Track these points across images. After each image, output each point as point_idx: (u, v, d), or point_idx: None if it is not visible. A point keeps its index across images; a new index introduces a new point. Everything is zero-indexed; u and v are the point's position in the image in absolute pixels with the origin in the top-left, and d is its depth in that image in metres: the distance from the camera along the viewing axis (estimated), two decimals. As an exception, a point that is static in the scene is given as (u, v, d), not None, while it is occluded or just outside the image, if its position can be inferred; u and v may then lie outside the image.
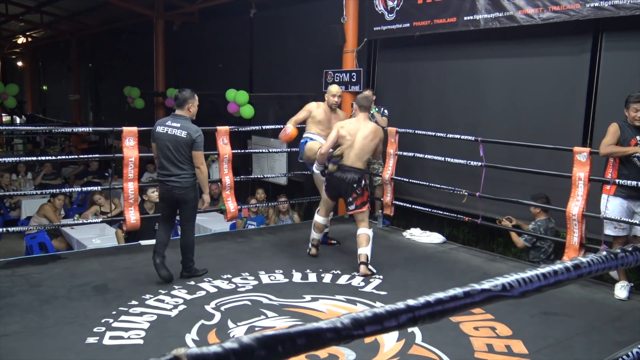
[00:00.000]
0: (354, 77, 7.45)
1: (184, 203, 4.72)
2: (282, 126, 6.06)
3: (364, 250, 5.02)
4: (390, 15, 7.16)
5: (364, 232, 5.10)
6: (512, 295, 1.01)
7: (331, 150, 5.18)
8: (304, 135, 5.82)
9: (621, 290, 4.54)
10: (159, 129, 4.65)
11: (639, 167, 4.46)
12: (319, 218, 5.52)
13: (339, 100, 5.84)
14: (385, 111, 6.97)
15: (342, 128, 5.18)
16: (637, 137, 4.46)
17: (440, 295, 0.94)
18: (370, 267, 4.99)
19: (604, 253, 1.17)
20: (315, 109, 5.82)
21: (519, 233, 5.73)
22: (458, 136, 6.01)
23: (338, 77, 7.64)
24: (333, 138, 5.16)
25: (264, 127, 7.32)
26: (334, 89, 5.83)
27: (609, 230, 4.64)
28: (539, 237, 5.57)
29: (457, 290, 0.96)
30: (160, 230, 4.89)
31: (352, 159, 5.14)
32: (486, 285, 0.98)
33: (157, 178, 4.83)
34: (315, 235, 5.55)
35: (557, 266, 1.08)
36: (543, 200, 5.58)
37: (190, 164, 4.64)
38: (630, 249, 1.21)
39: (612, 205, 4.58)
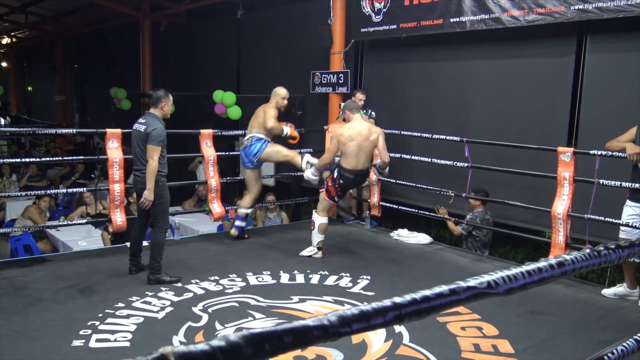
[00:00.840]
0: (342, 78, 7.46)
1: (138, 196, 4.85)
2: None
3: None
4: (377, 17, 7.18)
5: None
6: (497, 292, 1.02)
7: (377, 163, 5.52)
8: (258, 136, 5.83)
9: None
10: (134, 126, 4.82)
11: None
12: (324, 220, 5.55)
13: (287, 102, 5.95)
14: (373, 113, 6.99)
15: (342, 136, 5.26)
16: None
17: (427, 292, 0.95)
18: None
19: (587, 251, 1.19)
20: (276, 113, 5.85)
21: (456, 222, 6.13)
22: (444, 137, 6.05)
23: (325, 79, 7.65)
24: (334, 148, 5.36)
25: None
26: (283, 91, 5.86)
27: (621, 234, 4.62)
28: (475, 227, 5.97)
29: (443, 288, 0.97)
30: (134, 228, 5.03)
31: (362, 161, 5.32)
32: (472, 282, 0.99)
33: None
34: (321, 237, 5.56)
35: (542, 264, 1.09)
36: (482, 194, 5.97)
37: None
38: (612, 246, 1.23)
39: (625, 209, 4.56)
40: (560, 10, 5.42)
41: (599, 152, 4.74)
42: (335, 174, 5.38)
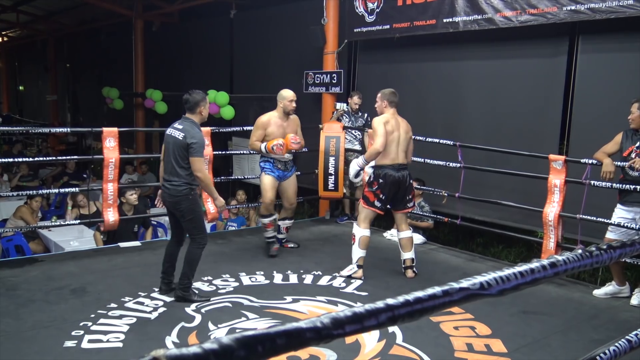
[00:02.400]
0: (335, 78, 7.46)
1: (178, 214, 4.33)
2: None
3: (411, 255, 5.05)
4: (370, 17, 7.19)
5: (409, 235, 5.08)
6: (490, 293, 1.02)
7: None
8: (261, 160, 5.59)
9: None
10: (167, 131, 4.32)
11: (632, 176, 4.42)
12: (365, 232, 4.94)
13: (295, 104, 5.51)
14: (369, 118, 6.99)
15: (387, 123, 4.79)
16: (635, 146, 4.41)
17: (419, 294, 0.95)
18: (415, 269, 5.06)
19: (580, 251, 1.19)
20: (268, 125, 5.45)
21: (418, 219, 6.44)
22: (437, 140, 6.06)
23: (319, 79, 7.65)
24: (383, 133, 4.73)
25: (244, 128, 7.29)
26: (290, 93, 5.45)
27: (609, 234, 4.63)
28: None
29: (436, 289, 0.97)
30: (168, 242, 4.60)
31: (401, 156, 4.89)
32: (464, 284, 1.00)
33: (162, 183, 4.41)
34: (362, 253, 4.96)
35: (534, 264, 1.10)
36: (421, 183, 6.37)
37: (187, 172, 4.21)
38: (604, 247, 1.24)
39: (616, 211, 4.56)
40: (552, 11, 5.44)
41: (590, 161, 4.78)
42: (372, 177, 4.91)
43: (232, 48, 10.65)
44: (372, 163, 5.01)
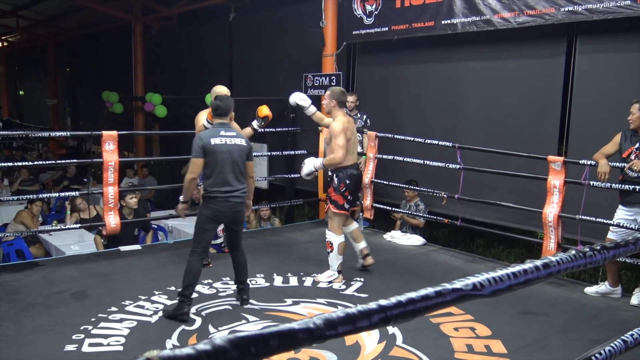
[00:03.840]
0: (334, 80, 7.48)
1: (240, 219, 4.33)
2: (262, 130, 5.88)
3: (365, 243, 5.26)
4: (369, 19, 7.21)
5: (357, 225, 5.32)
6: (483, 294, 1.03)
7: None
8: None
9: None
10: (215, 140, 4.09)
11: (630, 177, 4.43)
12: (342, 238, 4.97)
13: None
14: (369, 120, 7.02)
15: (347, 130, 4.79)
16: (634, 147, 4.42)
17: (412, 294, 0.96)
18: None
19: (573, 252, 1.20)
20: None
21: (412, 217, 6.52)
22: (436, 142, 6.07)
23: (318, 81, 7.67)
24: (344, 145, 4.74)
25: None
26: (224, 89, 5.13)
27: (610, 234, 4.64)
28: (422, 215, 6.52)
29: (429, 290, 0.98)
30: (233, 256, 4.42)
31: (356, 154, 5.04)
32: (457, 284, 1.00)
33: (212, 195, 4.13)
34: (341, 259, 4.97)
35: (527, 265, 1.11)
36: (414, 184, 6.54)
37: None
38: (598, 247, 1.24)
39: (617, 212, 4.57)
40: (550, 12, 5.46)
41: (588, 162, 4.79)
42: (336, 181, 4.90)
43: (231, 51, 10.67)
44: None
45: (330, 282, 4.90)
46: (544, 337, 3.85)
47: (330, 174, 5.20)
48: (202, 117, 5.03)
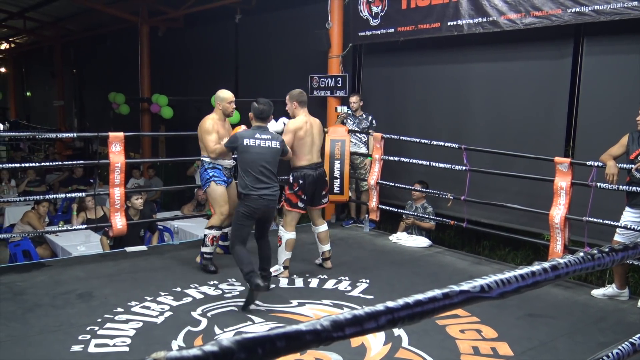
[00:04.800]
0: (340, 82, 7.47)
1: (272, 216, 4.71)
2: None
3: (329, 247, 5.36)
4: (374, 21, 7.20)
5: (326, 228, 5.37)
6: (490, 296, 1.02)
7: None
8: (208, 166, 5.12)
9: None
10: (249, 141, 4.43)
11: (638, 178, 4.40)
12: (292, 235, 5.10)
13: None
14: (374, 121, 7.02)
15: (300, 130, 4.95)
16: None
17: (419, 296, 0.95)
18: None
19: (581, 254, 1.19)
20: (218, 128, 5.12)
21: (422, 219, 6.43)
22: (442, 143, 6.06)
23: (324, 82, 7.67)
24: (291, 140, 4.91)
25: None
26: (229, 94, 5.18)
27: (617, 236, 4.60)
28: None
29: (436, 292, 0.98)
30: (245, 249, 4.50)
31: (316, 155, 5.12)
32: (465, 286, 1.00)
33: (247, 193, 4.40)
34: (288, 255, 5.10)
35: (535, 267, 1.10)
36: (424, 186, 6.46)
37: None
38: (606, 249, 1.24)
39: (624, 214, 4.54)
40: (557, 13, 5.44)
41: (595, 164, 4.77)
42: (291, 179, 5.02)
43: (237, 52, 10.69)
44: None
45: (275, 276, 4.96)
46: (550, 339, 3.83)
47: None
48: (208, 123, 5.10)
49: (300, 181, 5.00)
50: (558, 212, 5.04)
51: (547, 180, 5.17)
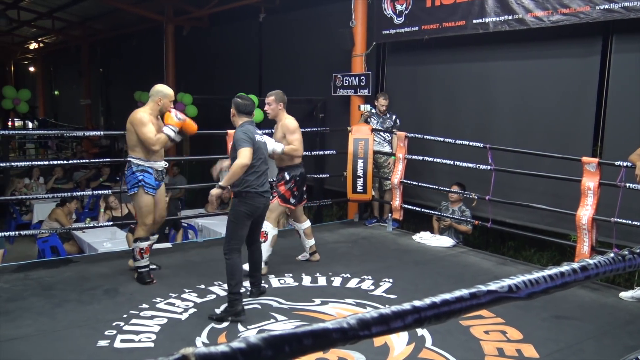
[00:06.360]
0: (363, 80, 7.46)
1: (264, 215, 4.52)
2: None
3: (313, 241, 5.50)
4: (399, 19, 7.17)
5: (310, 224, 5.51)
6: (518, 296, 1.01)
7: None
8: (137, 169, 4.64)
9: None
10: (257, 137, 4.32)
11: None
12: (276, 230, 5.18)
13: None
14: (398, 120, 6.99)
15: (299, 129, 5.17)
16: None
17: (447, 296, 0.94)
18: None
19: (612, 255, 1.17)
20: (152, 121, 4.65)
21: (459, 222, 6.28)
22: (467, 142, 6.00)
23: (347, 81, 7.66)
24: (301, 138, 5.13)
25: (273, 130, 7.32)
26: (171, 91, 4.82)
27: None
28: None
29: (464, 292, 0.97)
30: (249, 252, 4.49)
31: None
32: (492, 286, 0.99)
33: (249, 191, 4.19)
34: (271, 251, 5.11)
35: (564, 268, 1.08)
36: (462, 188, 6.31)
37: None
38: (637, 250, 1.21)
39: None
40: (585, 11, 5.35)
41: (624, 164, 4.68)
42: (288, 177, 5.10)
43: (261, 51, 10.74)
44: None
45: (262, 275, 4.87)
46: (577, 342, 3.77)
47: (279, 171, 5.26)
48: (141, 115, 4.63)
49: (297, 178, 5.15)
50: (585, 212, 4.95)
51: (574, 180, 5.09)
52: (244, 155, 4.11)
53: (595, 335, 3.88)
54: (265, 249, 4.95)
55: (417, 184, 6.64)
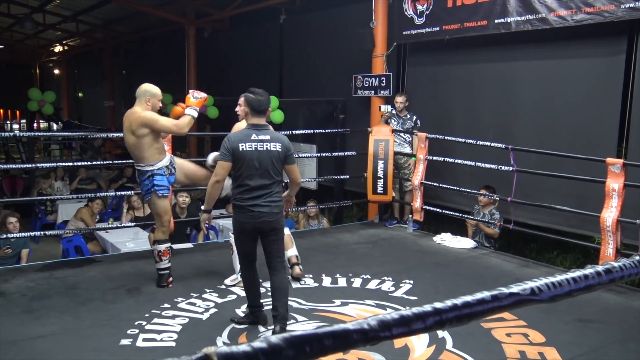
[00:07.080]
0: (384, 81, 7.44)
1: (272, 234, 3.81)
2: (311, 131, 5.95)
3: (293, 252, 4.99)
4: (419, 19, 7.14)
5: (288, 232, 5.00)
6: (541, 299, 1.00)
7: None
8: (147, 175, 4.60)
9: None
10: (244, 146, 3.69)
11: None
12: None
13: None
14: (418, 121, 6.96)
15: None
16: None
17: (468, 298, 0.94)
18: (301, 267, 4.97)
19: (637, 257, 1.15)
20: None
21: (487, 224, 6.17)
22: (488, 143, 5.95)
23: (368, 82, 7.65)
24: None
25: (293, 132, 7.36)
26: (159, 90, 4.76)
27: None
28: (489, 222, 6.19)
29: (485, 294, 0.96)
30: (247, 274, 3.99)
31: None
32: (515, 289, 0.98)
33: (236, 204, 3.80)
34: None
35: (588, 270, 1.07)
36: (491, 191, 6.20)
37: (280, 185, 3.84)
38: (664, 253, 1.19)
39: None
40: (609, 9, 5.27)
41: None
42: None
43: (281, 52, 10.78)
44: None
45: (234, 285, 4.72)
46: (601, 346, 3.71)
47: None
48: (145, 113, 4.73)
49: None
50: (610, 214, 4.88)
51: (599, 181, 5.01)
52: (215, 172, 3.82)
53: (620, 339, 3.82)
54: (235, 261, 4.62)
55: (438, 185, 6.60)
